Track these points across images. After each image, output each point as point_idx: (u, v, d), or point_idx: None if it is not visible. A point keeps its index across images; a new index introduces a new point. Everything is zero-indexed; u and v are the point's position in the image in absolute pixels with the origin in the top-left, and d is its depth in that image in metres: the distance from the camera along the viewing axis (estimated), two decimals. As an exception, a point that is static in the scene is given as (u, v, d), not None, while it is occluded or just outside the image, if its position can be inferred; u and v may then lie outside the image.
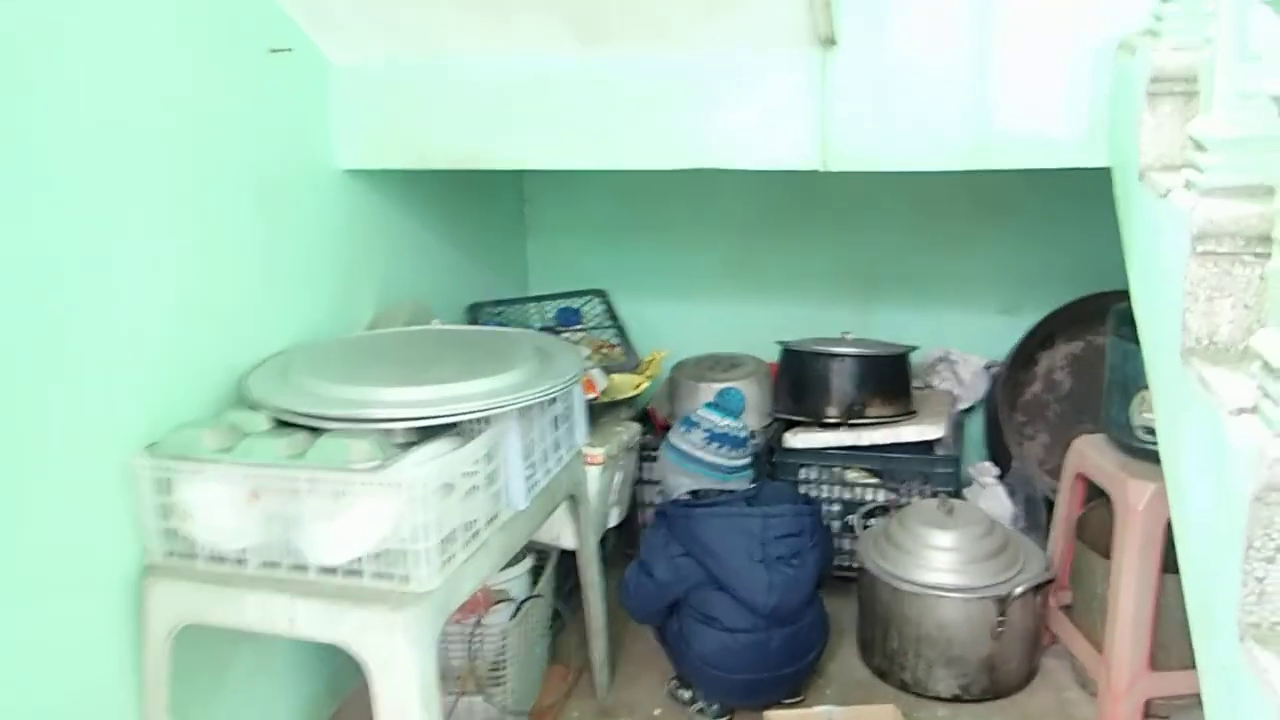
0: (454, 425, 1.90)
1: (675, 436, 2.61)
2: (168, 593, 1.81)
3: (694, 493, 2.51)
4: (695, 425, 2.58)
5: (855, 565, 2.66)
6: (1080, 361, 3.14)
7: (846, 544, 2.89)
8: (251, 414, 1.91)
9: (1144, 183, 1.62)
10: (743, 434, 2.59)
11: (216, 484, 1.78)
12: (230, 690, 2.11)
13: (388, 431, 1.83)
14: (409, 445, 1.85)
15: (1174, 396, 1.45)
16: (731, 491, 2.47)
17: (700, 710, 2.45)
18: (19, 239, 1.58)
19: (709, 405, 2.64)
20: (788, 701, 2.42)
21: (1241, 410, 1.18)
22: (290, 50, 2.18)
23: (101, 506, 1.77)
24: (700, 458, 2.54)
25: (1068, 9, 2.01)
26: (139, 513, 1.81)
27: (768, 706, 2.35)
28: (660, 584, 2.38)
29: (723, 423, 2.56)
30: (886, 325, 3.29)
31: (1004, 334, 3.24)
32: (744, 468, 2.59)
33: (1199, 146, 1.39)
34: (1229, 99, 1.32)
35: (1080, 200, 2.09)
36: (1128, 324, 1.89)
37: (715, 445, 2.53)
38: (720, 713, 2.42)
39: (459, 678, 2.27)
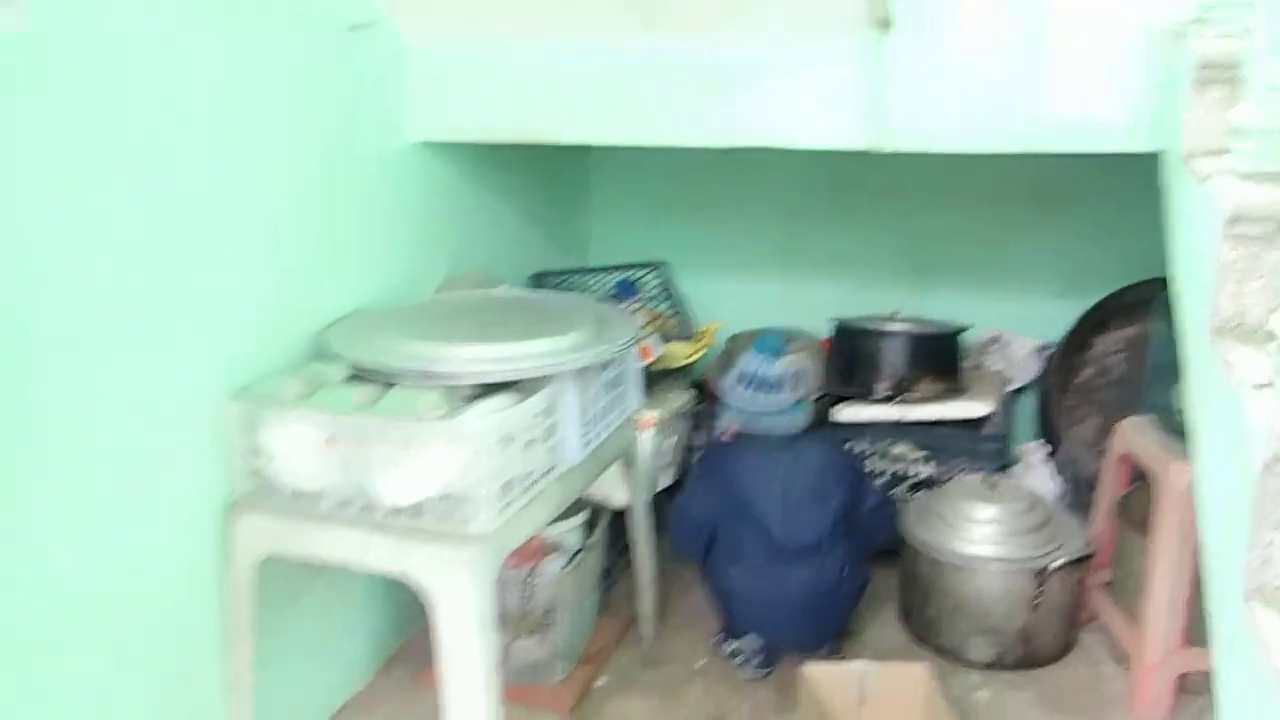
0: (515, 382, 2.03)
1: (723, 384, 2.69)
2: (252, 526, 1.96)
3: (737, 435, 2.61)
4: (735, 368, 2.64)
5: (898, 537, 2.74)
6: (1134, 346, 3.16)
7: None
8: (330, 366, 2.06)
9: (1186, 168, 1.68)
10: (773, 375, 2.56)
11: (297, 428, 1.92)
12: (306, 621, 2.27)
13: (454, 386, 1.96)
14: (473, 399, 1.97)
15: (1202, 374, 1.52)
16: (769, 436, 2.56)
17: (743, 664, 2.55)
18: (137, 210, 1.73)
19: (753, 346, 2.66)
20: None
21: (1260, 386, 1.25)
22: (370, 26, 2.30)
23: (196, 446, 1.92)
24: (736, 400, 2.59)
25: (1123, -5, 2.05)
26: (228, 453, 1.97)
27: (801, 657, 2.43)
28: (695, 517, 2.52)
29: (755, 363, 2.58)
30: (940, 306, 3.34)
31: (1058, 317, 3.27)
32: (781, 411, 2.56)
33: (1237, 133, 1.45)
34: (1262, 90, 1.38)
35: (1138, 186, 2.13)
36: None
37: (744, 387, 2.57)
38: (762, 664, 2.52)
39: (515, 621, 2.40)
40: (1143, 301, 3.04)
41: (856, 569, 2.53)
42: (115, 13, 1.67)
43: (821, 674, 2.20)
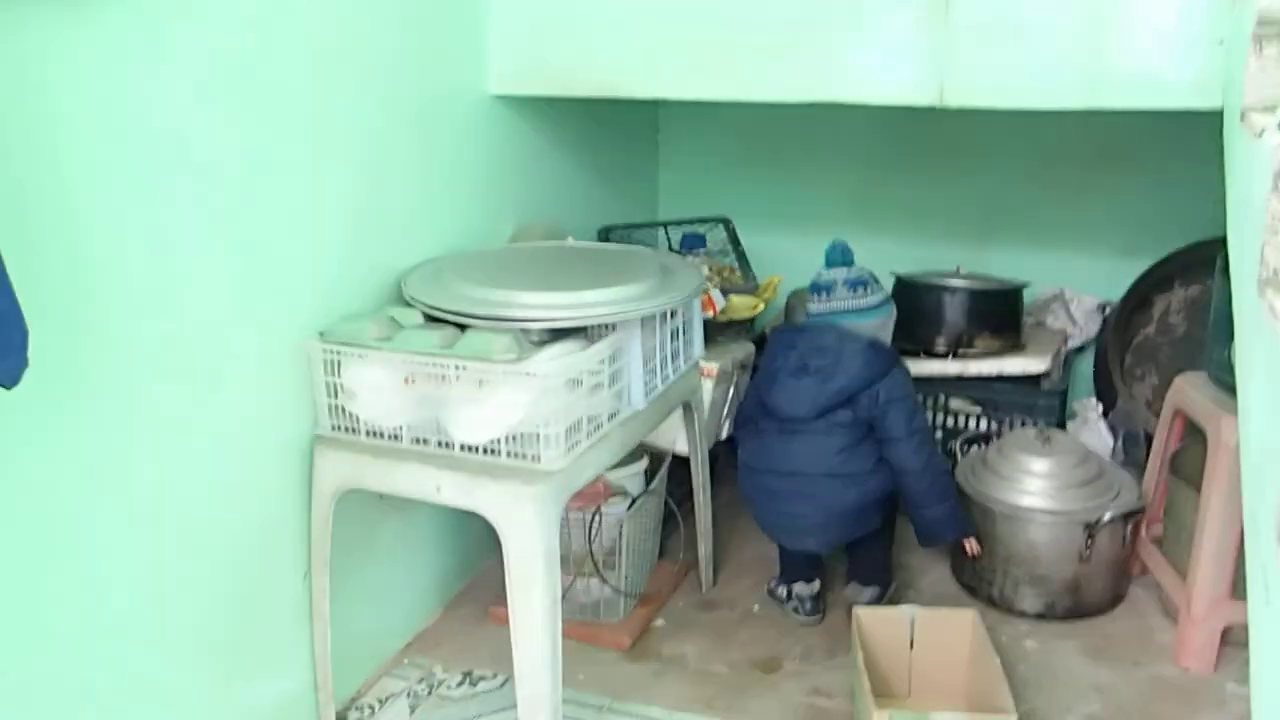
0: (583, 329, 2.12)
1: (800, 306, 2.79)
2: (333, 460, 2.09)
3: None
4: (805, 291, 2.72)
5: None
6: (1196, 306, 3.16)
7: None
8: (407, 310, 2.17)
9: (1244, 123, 1.70)
10: (824, 280, 2.64)
11: (377, 368, 2.04)
12: (379, 556, 2.41)
13: (525, 330, 2.05)
14: (542, 344, 2.07)
15: (1249, 324, 1.56)
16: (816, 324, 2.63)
17: (796, 609, 2.64)
18: (234, 158, 1.85)
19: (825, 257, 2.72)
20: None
21: (1300, 334, 1.29)
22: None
23: (281, 382, 2.04)
24: (813, 311, 2.66)
25: (1188, -48, 2.06)
26: (312, 390, 2.10)
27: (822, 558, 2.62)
28: (742, 405, 2.74)
29: (825, 272, 2.66)
30: (1002, 264, 3.36)
31: (1121, 277, 3.28)
32: (863, 310, 2.62)
33: (1290, 89, 1.48)
34: (1319, 44, 1.40)
35: (1202, 145, 2.13)
36: (1232, 265, 1.96)
37: (822, 295, 2.64)
38: (812, 610, 2.61)
39: (578, 562, 2.52)
40: (1207, 260, 3.02)
41: (877, 466, 2.51)
42: (213, -27, 1.78)
43: (873, 617, 2.29)
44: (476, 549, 2.76)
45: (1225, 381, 2.33)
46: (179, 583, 1.85)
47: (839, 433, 2.50)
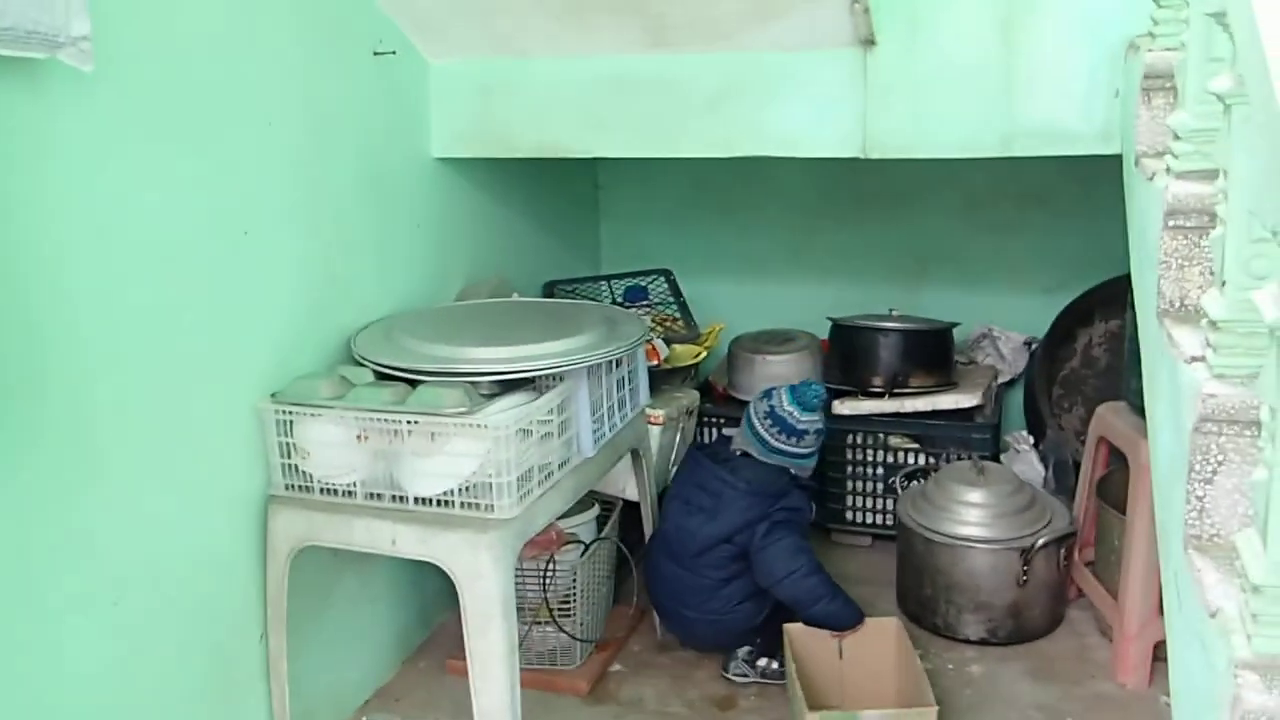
0: (531, 380, 2.20)
1: (753, 399, 2.76)
2: (288, 518, 2.13)
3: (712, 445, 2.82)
4: (768, 397, 2.70)
5: (894, 523, 2.89)
6: (1116, 338, 3.31)
7: (889, 504, 3.13)
8: (359, 368, 2.23)
9: (1138, 168, 1.84)
10: (800, 425, 2.62)
11: (330, 426, 2.09)
12: (337, 612, 2.43)
13: (475, 384, 2.12)
14: (492, 396, 2.14)
15: (1153, 352, 1.68)
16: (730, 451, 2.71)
17: (747, 659, 2.67)
18: (185, 228, 1.91)
19: (790, 388, 2.69)
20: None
21: (1193, 358, 1.41)
22: (394, 53, 2.49)
23: (235, 443, 2.09)
24: (755, 426, 2.69)
25: (1086, 13, 2.22)
26: (265, 450, 2.14)
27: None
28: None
29: (787, 406, 2.64)
30: (934, 304, 3.50)
31: (1046, 313, 3.43)
32: (790, 455, 2.64)
33: (1175, 136, 1.61)
34: (1197, 95, 1.53)
35: (1116, 185, 2.28)
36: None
37: (770, 423, 2.65)
38: (779, 674, 2.63)
39: (534, 609, 2.56)
40: (1124, 295, 3.17)
41: (749, 600, 2.57)
42: (175, 47, 1.85)
43: (803, 633, 2.46)
44: (433, 602, 2.79)
45: (1143, 408, 2.45)
46: (133, 646, 1.86)
47: (709, 574, 2.57)
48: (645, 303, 3.50)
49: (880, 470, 3.17)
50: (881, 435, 3.16)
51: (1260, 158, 1.12)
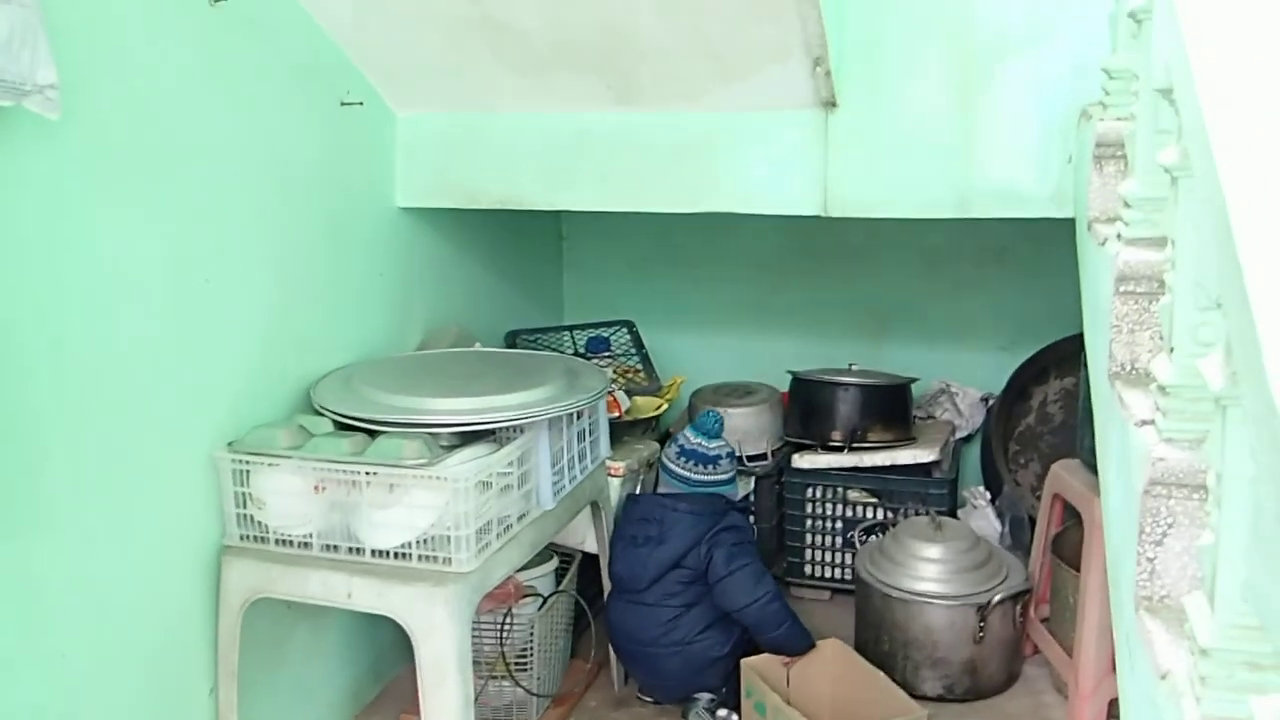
0: (491, 431, 2.19)
1: (664, 451, 2.85)
2: (242, 569, 2.10)
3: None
4: (675, 440, 2.80)
5: (853, 577, 2.90)
6: (1070, 396, 3.37)
7: (847, 558, 3.14)
8: (318, 418, 2.21)
9: (1090, 233, 1.89)
10: (711, 453, 2.73)
11: (287, 476, 2.07)
12: (289, 666, 2.39)
13: (434, 435, 2.12)
14: (452, 448, 2.13)
15: (1105, 414, 1.71)
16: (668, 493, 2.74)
17: (708, 707, 2.66)
18: (144, 279, 1.90)
19: (691, 425, 2.84)
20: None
21: (1143, 422, 1.44)
22: (360, 104, 2.50)
23: (190, 492, 2.06)
24: (671, 468, 2.75)
25: (1040, 81, 2.29)
26: (220, 500, 2.11)
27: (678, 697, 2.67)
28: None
29: (694, 440, 2.75)
30: (894, 359, 3.54)
31: (1003, 369, 3.48)
32: (713, 483, 2.72)
33: (1125, 203, 1.65)
34: (1146, 165, 1.58)
35: (1071, 243, 2.35)
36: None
37: (684, 459, 2.72)
38: (717, 705, 2.64)
39: (489, 663, 2.53)
40: (1078, 353, 3.23)
41: (712, 627, 2.58)
42: (142, 95, 1.85)
43: (755, 664, 2.52)
44: (387, 657, 2.75)
45: (1096, 466, 2.49)
46: (81, 699, 1.82)
47: (668, 602, 2.58)
48: (607, 354, 3.51)
49: (839, 524, 3.18)
50: (840, 489, 3.18)
51: (1204, 230, 1.15)
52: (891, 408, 3.22)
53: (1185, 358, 1.25)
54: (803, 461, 3.19)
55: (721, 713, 2.60)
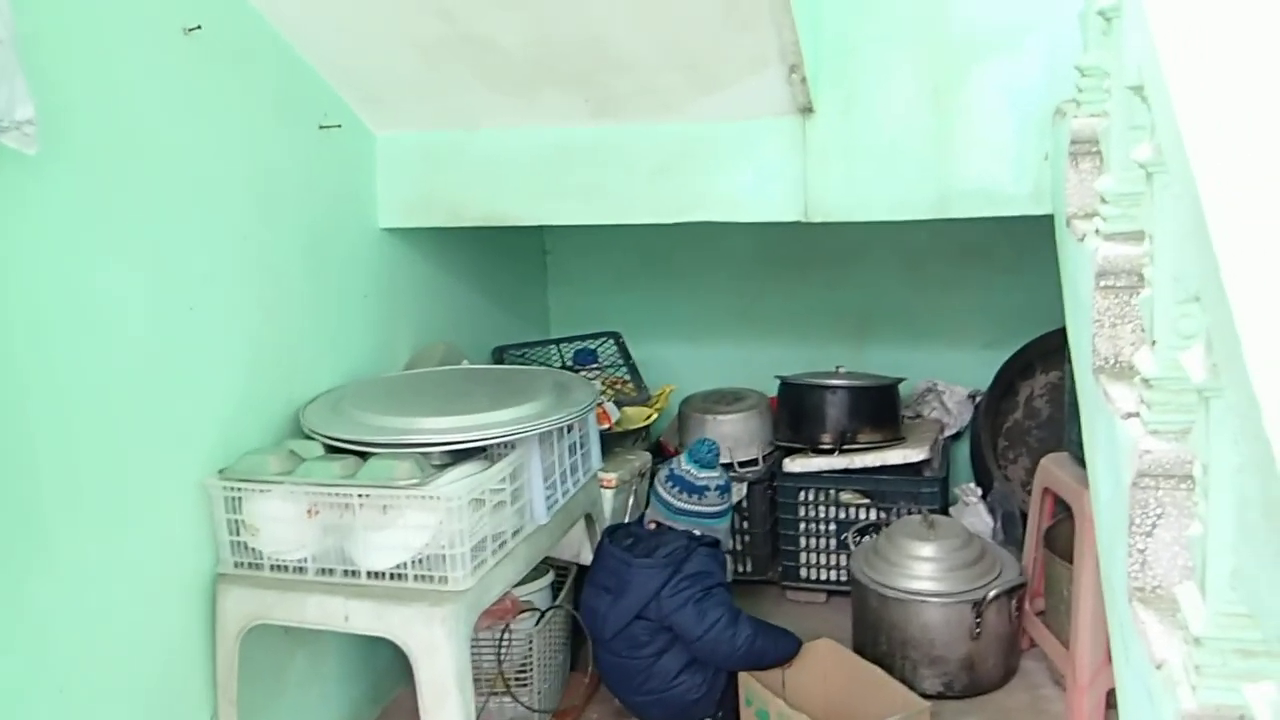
0: (483, 449, 2.20)
1: (658, 473, 2.80)
2: (237, 596, 2.09)
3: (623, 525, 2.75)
4: (669, 463, 2.75)
5: (848, 579, 2.91)
6: (1057, 390, 3.39)
7: (842, 560, 3.15)
8: (308, 442, 2.21)
9: (1069, 229, 1.91)
10: (699, 482, 2.66)
11: (279, 502, 2.07)
12: (288, 691, 2.38)
13: (426, 454, 2.12)
14: (444, 467, 2.14)
15: (1091, 407, 1.72)
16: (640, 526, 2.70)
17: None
18: (131, 308, 1.89)
19: (688, 450, 2.75)
20: None
21: (1129, 415, 1.45)
22: (339, 126, 2.51)
23: (182, 522, 2.05)
24: (659, 491, 2.71)
25: (1012, 81, 2.31)
26: (213, 527, 2.10)
27: None
28: None
29: (684, 466, 2.70)
30: (880, 360, 3.56)
31: (989, 366, 3.50)
32: (696, 514, 2.65)
33: (1103, 199, 1.67)
34: (1121, 161, 1.60)
35: (1052, 239, 2.37)
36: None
37: (670, 484, 2.68)
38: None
39: (489, 680, 2.52)
40: (1063, 347, 3.25)
41: (685, 672, 2.51)
42: (121, 125, 1.85)
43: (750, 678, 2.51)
44: (387, 678, 2.74)
45: (1085, 459, 2.51)
46: (84, 733, 1.81)
47: (638, 653, 2.51)
48: (595, 365, 3.51)
49: (833, 526, 3.19)
50: (832, 491, 3.19)
51: (1180, 224, 1.17)
52: (880, 408, 3.23)
53: (1167, 350, 1.27)
54: (794, 465, 3.20)
55: None
